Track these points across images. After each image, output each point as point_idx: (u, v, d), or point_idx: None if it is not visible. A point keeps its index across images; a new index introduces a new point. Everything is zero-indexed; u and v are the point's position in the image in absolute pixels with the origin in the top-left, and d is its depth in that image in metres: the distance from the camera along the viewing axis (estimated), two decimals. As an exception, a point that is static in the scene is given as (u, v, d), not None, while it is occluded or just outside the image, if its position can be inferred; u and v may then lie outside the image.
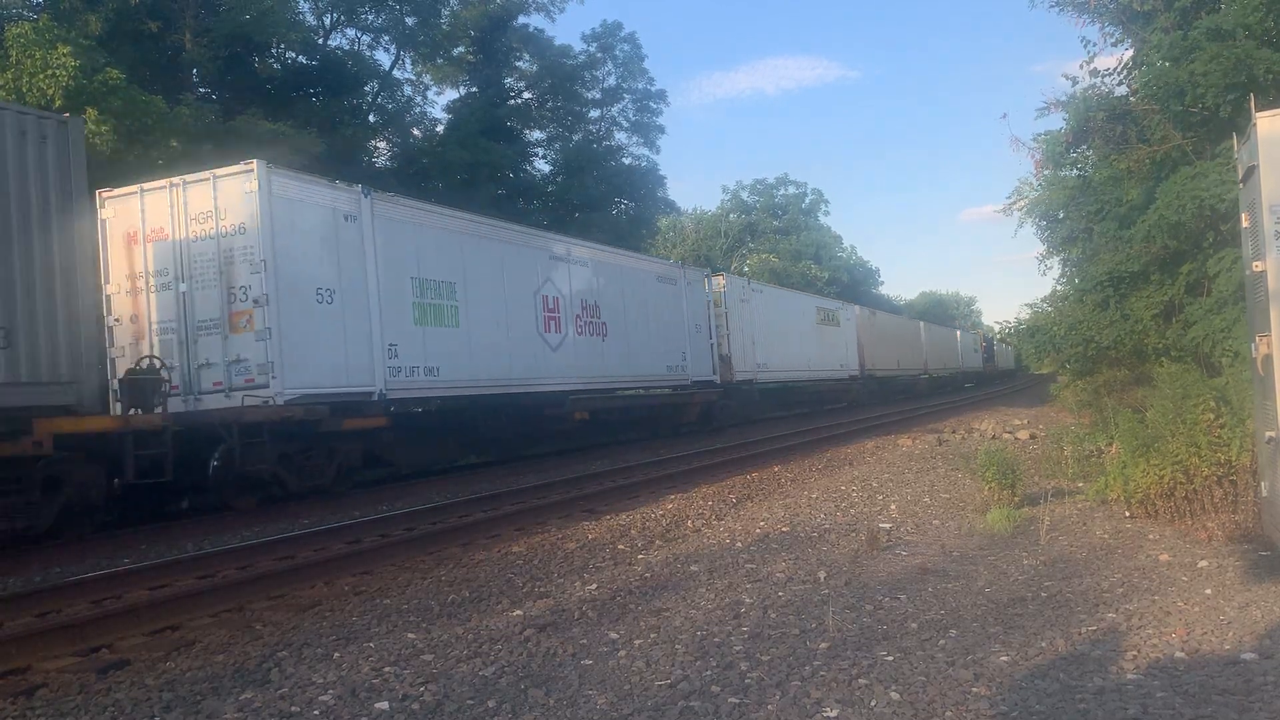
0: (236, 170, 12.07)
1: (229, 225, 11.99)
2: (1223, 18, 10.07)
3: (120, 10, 23.22)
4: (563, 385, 17.80)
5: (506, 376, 16.18)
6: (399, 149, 33.90)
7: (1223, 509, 7.43)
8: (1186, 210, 9.64)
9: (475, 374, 15.41)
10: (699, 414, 23.44)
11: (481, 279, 15.81)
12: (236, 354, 11.91)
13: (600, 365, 19.18)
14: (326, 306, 12.65)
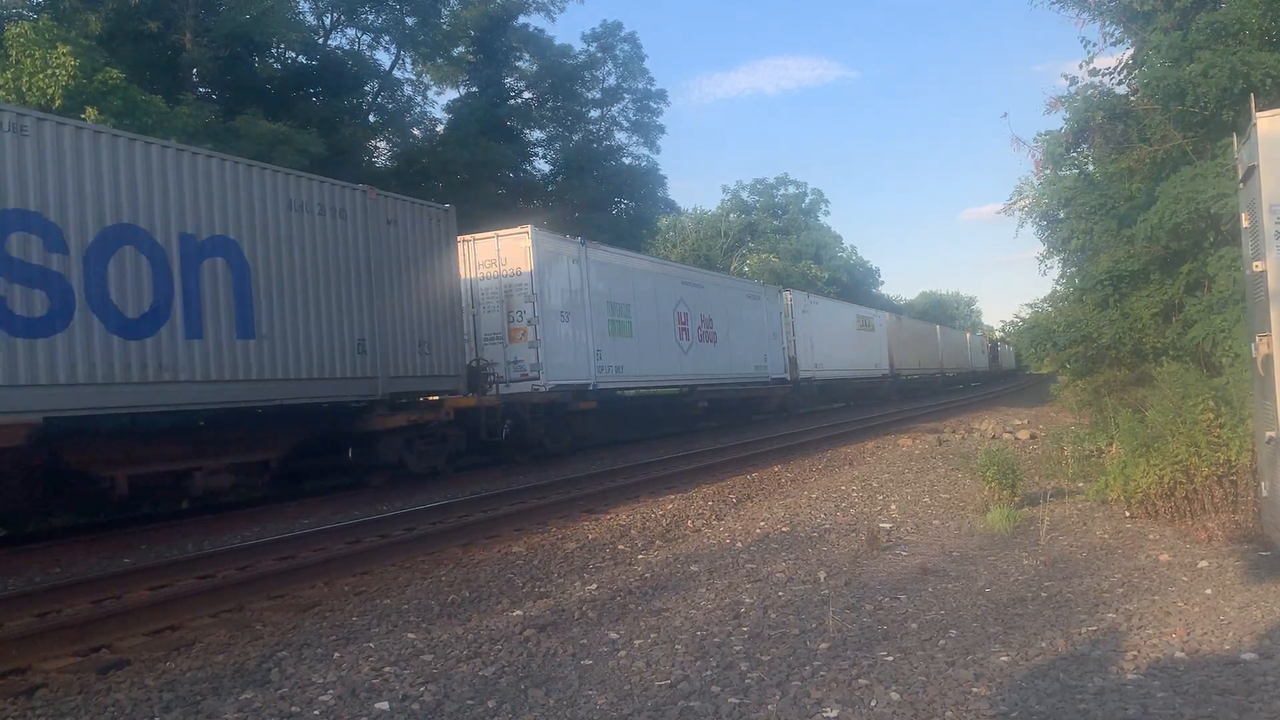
0: (514, 231, 17.47)
1: (508, 270, 17.26)
2: (1222, 15, 10.06)
3: (120, 10, 23.22)
4: (691, 381, 23.55)
5: (658, 374, 21.58)
6: (399, 149, 33.91)
7: (1223, 509, 7.43)
8: (1184, 213, 9.63)
9: (642, 372, 20.78)
10: (776, 405, 28.92)
11: (643, 301, 21.15)
12: (515, 357, 17.16)
13: (712, 365, 24.37)
14: (565, 324, 18.07)
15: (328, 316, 12.47)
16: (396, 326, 13.66)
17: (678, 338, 22.60)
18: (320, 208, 12.54)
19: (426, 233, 14.51)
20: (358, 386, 12.92)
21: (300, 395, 11.93)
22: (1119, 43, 13.17)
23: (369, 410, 13.24)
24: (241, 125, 22.40)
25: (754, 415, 28.06)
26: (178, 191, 10.64)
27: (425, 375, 14.18)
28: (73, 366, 9.37)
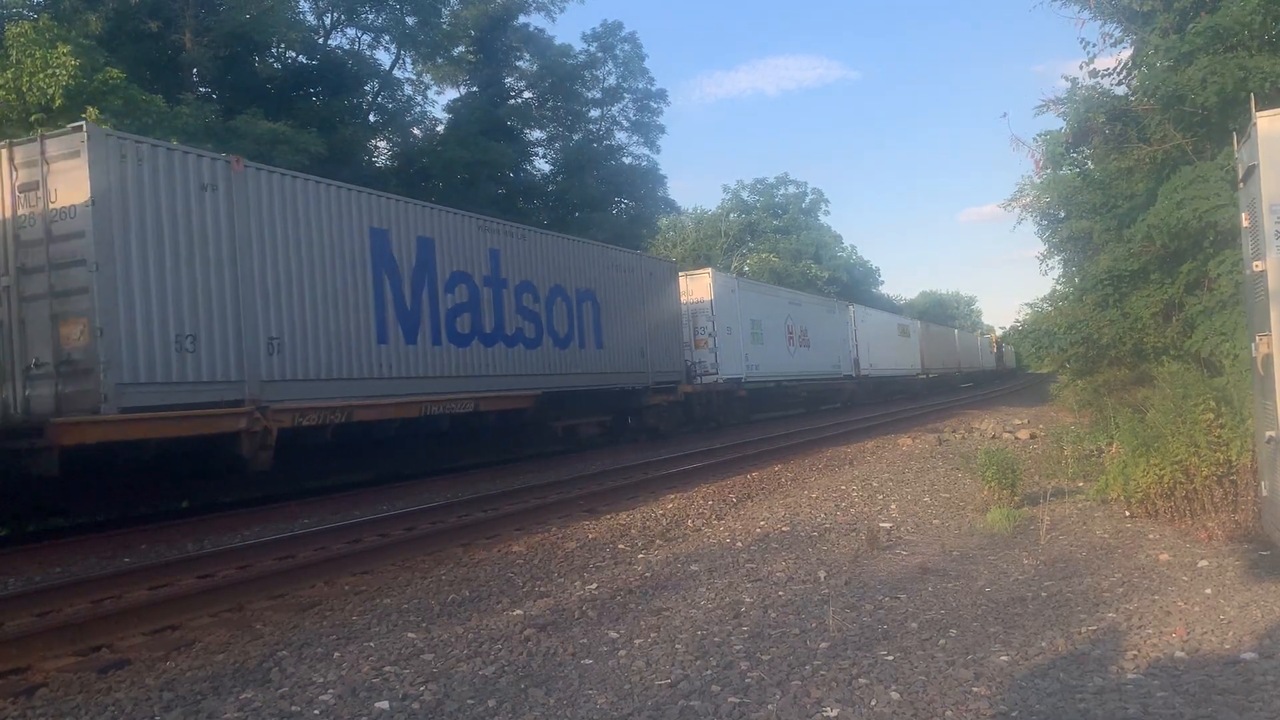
0: (699, 272, 25.98)
1: (694, 298, 24.69)
2: (1221, 17, 10.05)
3: (120, 10, 23.23)
4: (796, 377, 31.15)
5: (779, 371, 29.27)
6: (399, 149, 33.92)
7: (1223, 509, 7.42)
8: (1184, 216, 9.63)
9: (770, 370, 28.48)
10: (847, 396, 36.74)
11: (769, 318, 29.15)
12: (699, 359, 24.44)
13: (808, 365, 32.39)
14: (730, 336, 25.57)
15: (629, 334, 20.48)
16: (655, 339, 21.61)
17: (788, 344, 30.45)
18: (625, 268, 20.83)
19: (665, 278, 22.73)
20: (641, 378, 20.89)
21: (620, 383, 20.07)
22: (1119, 43, 13.16)
23: (644, 393, 21.01)
24: (241, 125, 22.40)
25: (833, 403, 36.06)
26: (571, 263, 18.79)
27: (669, 371, 22.15)
28: (545, 365, 17.45)
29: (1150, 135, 11.70)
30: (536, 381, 17.10)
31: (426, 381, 14.34)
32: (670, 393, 21.86)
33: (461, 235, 15.63)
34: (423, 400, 14.06)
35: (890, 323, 44.46)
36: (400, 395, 13.77)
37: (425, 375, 14.34)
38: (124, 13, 23.39)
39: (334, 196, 13.12)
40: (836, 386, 35.12)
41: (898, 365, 42.85)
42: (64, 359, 9.92)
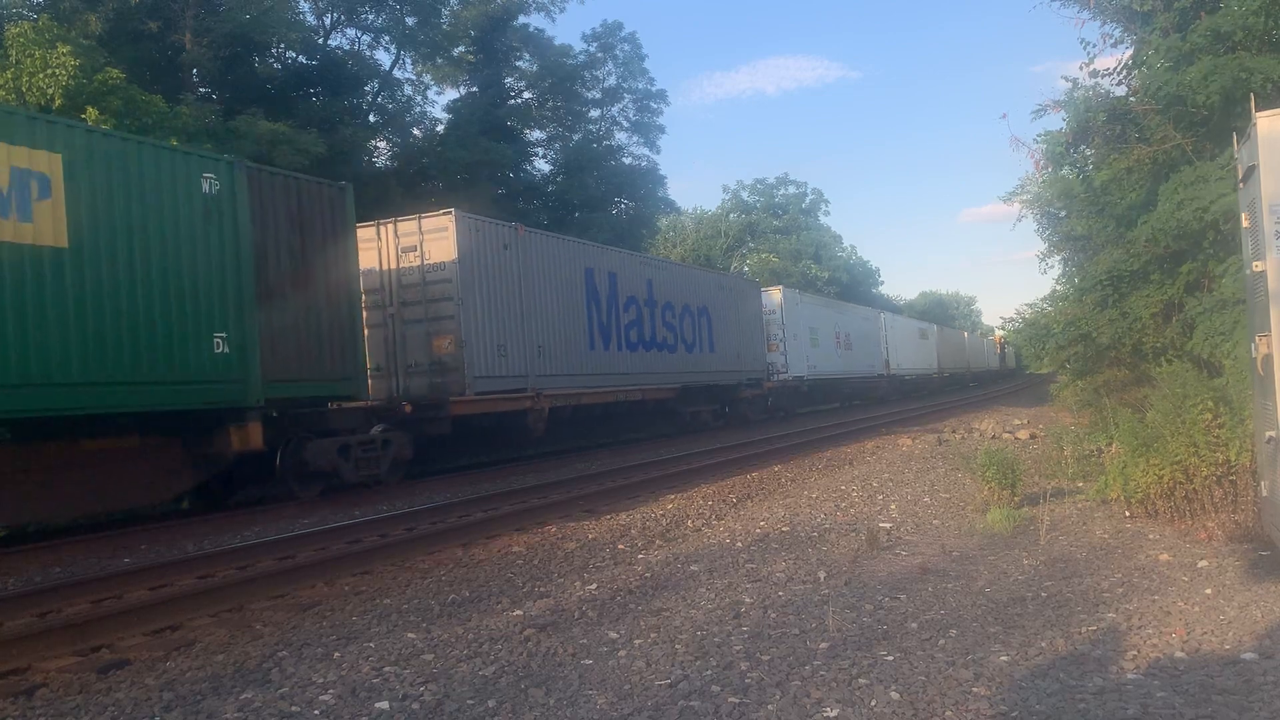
0: (774, 288, 31.18)
1: (768, 311, 29.48)
2: (1221, 19, 10.04)
3: (120, 10, 23.23)
4: (843, 375, 36.52)
5: (831, 370, 34.68)
6: (399, 149, 33.92)
7: (1222, 509, 7.43)
8: (1185, 217, 9.62)
9: (824, 370, 33.92)
10: (881, 393, 41.77)
11: (821, 325, 34.09)
12: (772, 361, 29.17)
13: (853, 365, 37.62)
14: (795, 341, 30.81)
15: (730, 341, 26.02)
16: (745, 344, 27.01)
17: (836, 348, 35.47)
18: (726, 288, 26.92)
19: (751, 294, 28.74)
20: (737, 376, 26.33)
21: (726, 380, 25.60)
22: (1119, 43, 13.17)
23: (739, 388, 26.49)
24: (241, 125, 22.40)
25: (868, 397, 41.30)
26: (693, 286, 24.75)
27: (756, 370, 27.64)
28: (680, 365, 22.74)
29: (1150, 135, 11.70)
30: (676, 378, 23.10)
31: (613, 377, 20.38)
32: (757, 388, 28.00)
33: (631, 268, 21.80)
34: (614, 390, 20.38)
35: (912, 327, 49.87)
36: (602, 387, 19.88)
37: (613, 373, 20.37)
38: (124, 13, 23.39)
39: (566, 246, 19.43)
40: (872, 383, 40.68)
41: (918, 365, 48.00)
42: (435, 361, 15.43)
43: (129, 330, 10.49)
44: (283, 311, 12.31)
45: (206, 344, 11.26)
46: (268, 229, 12.24)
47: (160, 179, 11.01)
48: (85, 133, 10.75)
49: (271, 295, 12.15)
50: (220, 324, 11.44)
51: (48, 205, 9.76)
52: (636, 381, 21.12)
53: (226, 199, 11.66)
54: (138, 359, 10.55)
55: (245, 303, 11.77)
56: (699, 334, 24.32)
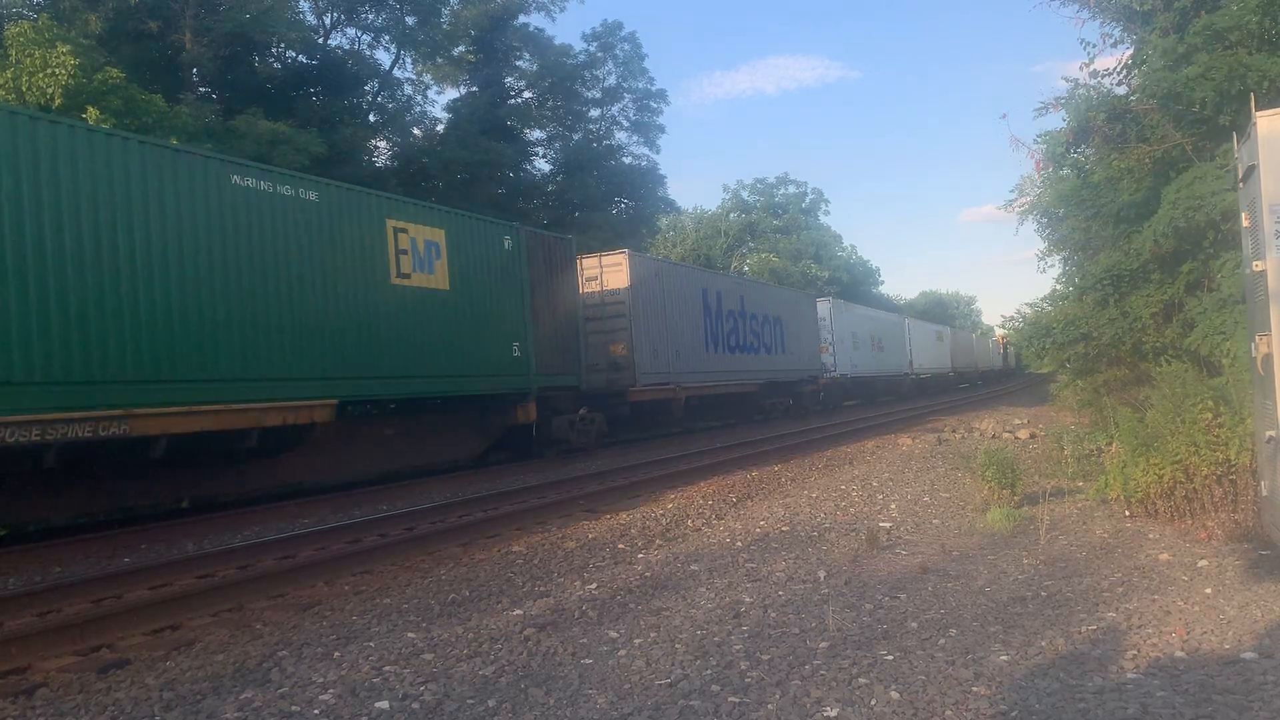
0: (824, 299, 36.20)
1: (820, 318, 33.64)
2: (1219, 18, 10.04)
3: (120, 9, 23.22)
4: (876, 373, 40.37)
5: (866, 369, 38.33)
6: (399, 148, 33.91)
7: (1222, 508, 7.43)
8: (1185, 218, 9.62)
9: (863, 370, 37.96)
10: (905, 389, 45.74)
11: (859, 330, 38.16)
12: (824, 362, 33.27)
13: (883, 364, 41.35)
14: (840, 344, 34.73)
15: (796, 344, 30.66)
16: (805, 347, 31.56)
17: (872, 350, 39.52)
18: (792, 301, 31.69)
19: (809, 304, 33.75)
20: (800, 374, 31.03)
21: (793, 377, 30.32)
22: (1118, 43, 13.16)
23: (801, 384, 31.21)
24: (241, 125, 22.40)
25: (896, 393, 44.62)
26: (770, 298, 29.57)
27: (813, 369, 32.26)
28: (762, 365, 27.76)
29: (1150, 135, 11.70)
30: (760, 375, 28.12)
31: (720, 374, 25.36)
32: (814, 383, 32.71)
33: (729, 286, 27.15)
34: (722, 385, 25.60)
35: (930, 330, 54.39)
36: (714, 382, 24.96)
37: (719, 370, 25.29)
38: (124, 13, 23.39)
39: (689, 273, 25.82)
40: (899, 381, 44.77)
41: (935, 364, 52.39)
42: (612, 362, 20.36)
43: (474, 340, 15.41)
44: (543, 326, 17.38)
45: (509, 350, 16.31)
46: (535, 270, 17.28)
47: (488, 242, 16.14)
48: (457, 216, 15.71)
49: (538, 316, 17.23)
50: (515, 336, 16.52)
51: (440, 263, 14.90)
52: (735, 378, 26.39)
53: (516, 253, 16.80)
54: (477, 360, 15.46)
55: (525, 321, 16.80)
56: (775, 339, 29.40)
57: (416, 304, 14.28)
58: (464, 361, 15.14)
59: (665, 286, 22.43)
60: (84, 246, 9.79)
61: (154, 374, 10.38)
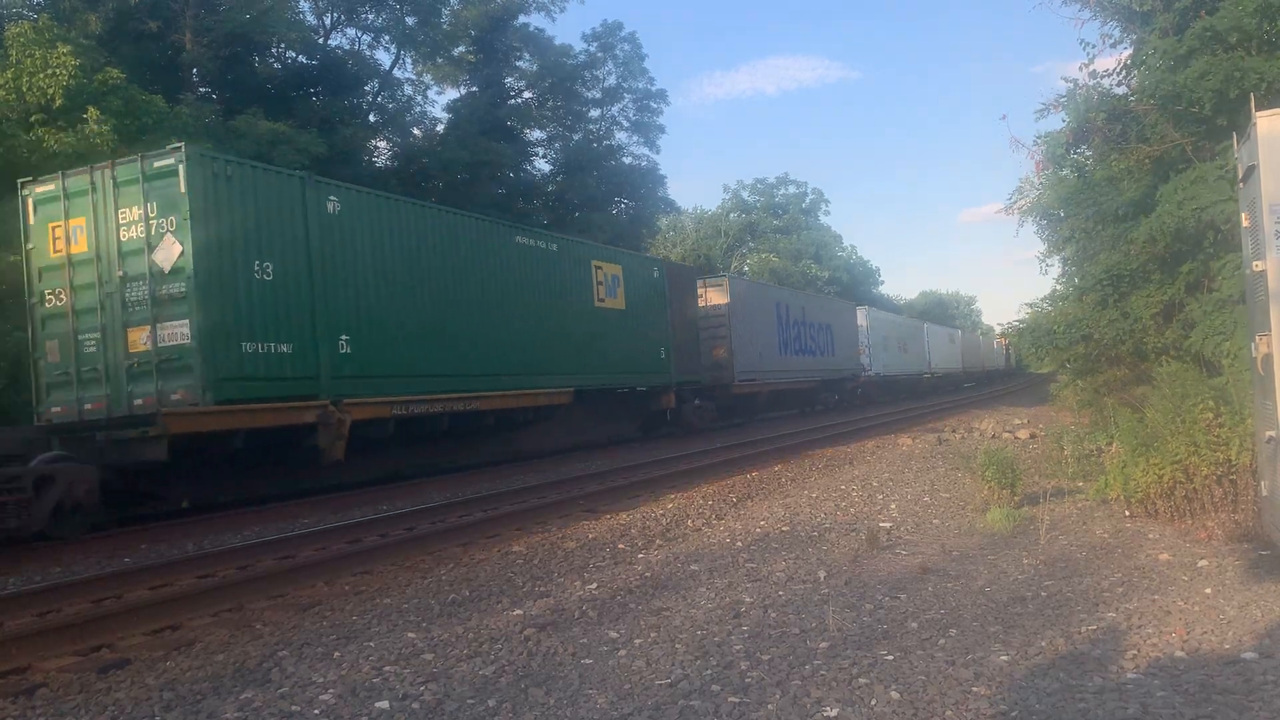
0: (862, 306, 42.16)
1: (862, 325, 39.34)
2: (1218, 20, 10.04)
3: (120, 10, 23.23)
4: (900, 373, 44.53)
5: (893, 369, 42.81)
6: (399, 148, 33.93)
7: (1223, 508, 7.43)
8: (1187, 219, 9.63)
9: (892, 370, 42.93)
10: (925, 387, 49.93)
11: (889, 333, 42.97)
12: (862, 363, 38.55)
13: (906, 364, 45.69)
14: (875, 347, 40.03)
15: (841, 347, 35.46)
16: (848, 350, 36.09)
17: (899, 352, 44.37)
18: (839, 310, 37.57)
19: (851, 311, 38.66)
20: (846, 373, 35.64)
21: (841, 376, 35.51)
22: (1118, 44, 13.17)
23: (846, 381, 35.79)
24: (241, 125, 22.40)
25: (916, 390, 47.92)
26: (823, 307, 35.65)
27: (854, 369, 36.92)
28: (818, 365, 33.20)
29: (1150, 135, 11.70)
30: (816, 375, 33.34)
31: (788, 373, 30.36)
32: (855, 381, 37.36)
33: (793, 298, 32.85)
34: (791, 382, 30.71)
35: (944, 333, 59.29)
36: (784, 380, 30.08)
37: (788, 370, 30.39)
38: (124, 13, 23.40)
39: (767, 289, 32.16)
40: (919, 380, 49.07)
41: (948, 364, 56.74)
42: (714, 363, 25.15)
43: (640, 347, 21.20)
44: (677, 336, 22.92)
45: (658, 354, 22.05)
46: (672, 293, 23.02)
47: (645, 272, 22.31)
48: (628, 255, 22.73)
49: (674, 328, 22.77)
50: (661, 344, 22.17)
51: (620, 290, 20.71)
52: (799, 376, 31.60)
53: (660, 280, 22.78)
54: (642, 361, 21.31)
55: (667, 332, 22.51)
56: (827, 343, 34.52)
57: (608, 321, 20.12)
58: (635, 362, 20.98)
59: (752, 302, 28.20)
60: (453, 291, 15.61)
61: (481, 372, 15.97)
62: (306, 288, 12.83)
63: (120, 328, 11.68)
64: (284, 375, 12.38)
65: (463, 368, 15.55)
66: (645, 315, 21.43)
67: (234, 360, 11.67)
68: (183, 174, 11.33)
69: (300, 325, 12.68)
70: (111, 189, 11.78)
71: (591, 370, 19.07)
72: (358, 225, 13.84)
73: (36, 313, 12.27)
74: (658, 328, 22.00)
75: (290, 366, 12.49)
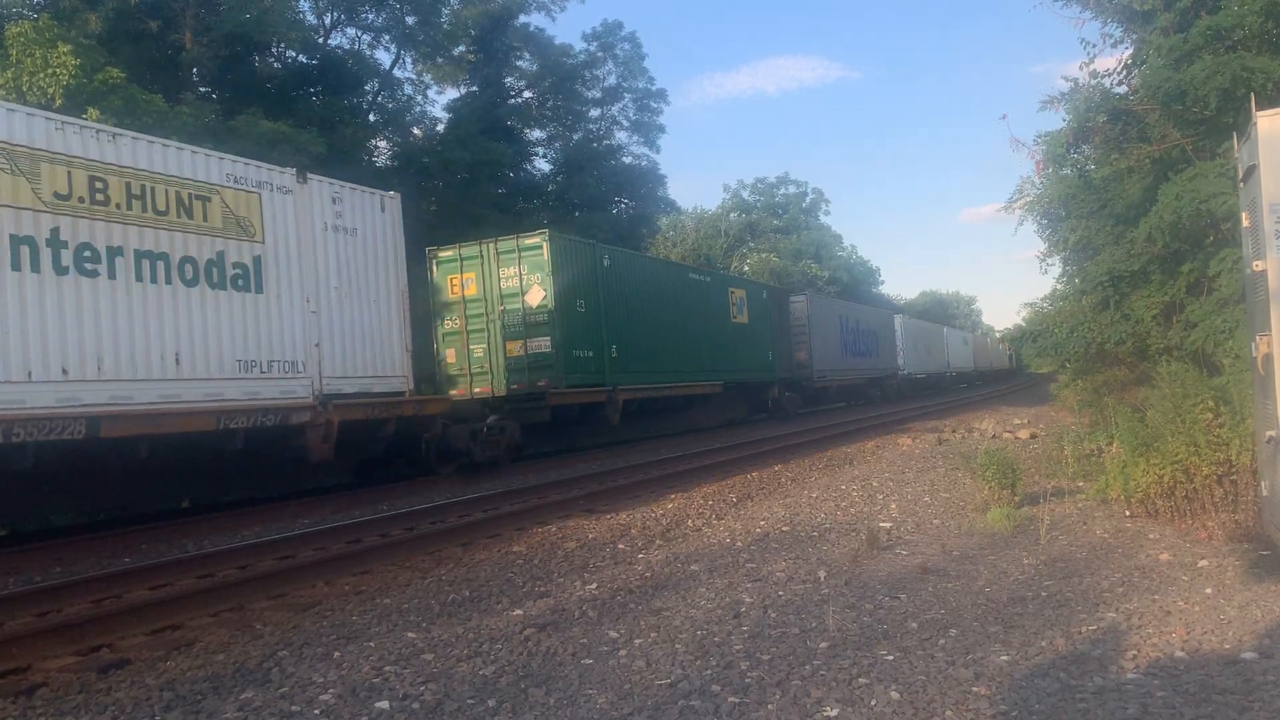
0: (897, 314, 49.56)
1: (897, 331, 45.14)
2: (1221, 18, 10.04)
3: (120, 9, 23.22)
4: (926, 372, 48.85)
5: (923, 370, 48.68)
6: (399, 148, 33.89)
7: (1223, 508, 7.43)
8: (1185, 213, 9.62)
9: (922, 369, 48.52)
10: (945, 385, 54.42)
11: (918, 337, 48.66)
12: (898, 363, 44.18)
13: (929, 364, 50.49)
14: (907, 349, 45.18)
15: (884, 349, 41.97)
16: (889, 350, 42.45)
17: (926, 353, 49.20)
18: (883, 319, 44.00)
19: (891, 318, 45.39)
20: (887, 371, 42.44)
21: (883, 374, 41.75)
22: (1119, 43, 13.16)
23: (887, 379, 42.30)
24: (241, 125, 22.38)
25: (938, 387, 52.55)
26: (871, 317, 42.00)
27: (894, 368, 42.91)
28: (868, 365, 39.66)
29: (1151, 135, 11.70)
30: (867, 373, 39.15)
31: (848, 371, 35.99)
32: (893, 379, 43.14)
33: (851, 311, 38.71)
34: (849, 379, 36.35)
35: (960, 335, 65.48)
36: (845, 378, 35.86)
37: (847, 369, 35.98)
38: (124, 13, 23.39)
39: (833, 303, 38.29)
40: (939, 378, 53.77)
41: (962, 364, 61.52)
42: (797, 363, 31.27)
43: (755, 352, 27.65)
44: (777, 343, 29.46)
45: (767, 356, 28.55)
46: (774, 309, 29.56)
47: (758, 294, 28.97)
48: (750, 282, 32.21)
49: (775, 336, 29.32)
50: (769, 349, 28.71)
51: (745, 309, 27.23)
52: (856, 374, 37.93)
53: (767, 299, 29.28)
54: (758, 363, 27.84)
55: (772, 340, 28.97)
56: (874, 347, 40.58)
57: (738, 333, 26.90)
58: (754, 363, 27.79)
59: (823, 314, 34.66)
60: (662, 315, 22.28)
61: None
62: (597, 315, 19.55)
63: (501, 341, 18.15)
64: (589, 371, 19.15)
65: (668, 367, 22.55)
66: (759, 328, 28.34)
67: (571, 361, 18.41)
68: (546, 249, 18.01)
69: (595, 339, 19.47)
70: (494, 255, 18.31)
71: (730, 369, 25.89)
72: (619, 274, 20.73)
73: (438, 331, 18.69)
74: (766, 337, 28.81)
75: (593, 366, 19.29)
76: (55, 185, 9.59)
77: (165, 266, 10.60)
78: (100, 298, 9.91)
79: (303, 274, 12.37)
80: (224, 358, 11.16)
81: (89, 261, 9.84)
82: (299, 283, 12.30)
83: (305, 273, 12.41)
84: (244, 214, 11.65)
